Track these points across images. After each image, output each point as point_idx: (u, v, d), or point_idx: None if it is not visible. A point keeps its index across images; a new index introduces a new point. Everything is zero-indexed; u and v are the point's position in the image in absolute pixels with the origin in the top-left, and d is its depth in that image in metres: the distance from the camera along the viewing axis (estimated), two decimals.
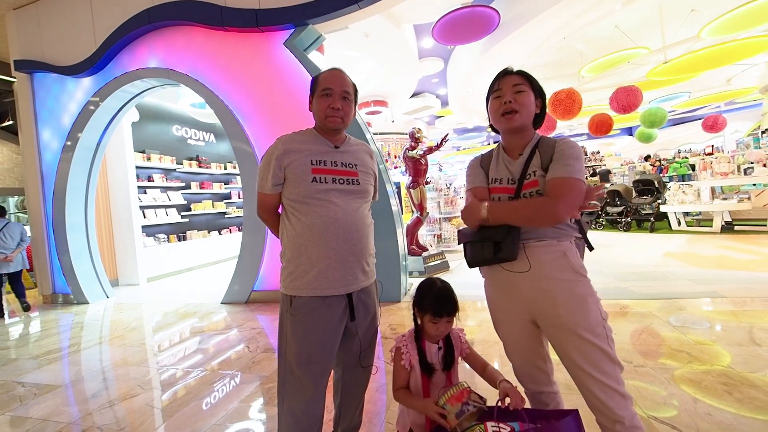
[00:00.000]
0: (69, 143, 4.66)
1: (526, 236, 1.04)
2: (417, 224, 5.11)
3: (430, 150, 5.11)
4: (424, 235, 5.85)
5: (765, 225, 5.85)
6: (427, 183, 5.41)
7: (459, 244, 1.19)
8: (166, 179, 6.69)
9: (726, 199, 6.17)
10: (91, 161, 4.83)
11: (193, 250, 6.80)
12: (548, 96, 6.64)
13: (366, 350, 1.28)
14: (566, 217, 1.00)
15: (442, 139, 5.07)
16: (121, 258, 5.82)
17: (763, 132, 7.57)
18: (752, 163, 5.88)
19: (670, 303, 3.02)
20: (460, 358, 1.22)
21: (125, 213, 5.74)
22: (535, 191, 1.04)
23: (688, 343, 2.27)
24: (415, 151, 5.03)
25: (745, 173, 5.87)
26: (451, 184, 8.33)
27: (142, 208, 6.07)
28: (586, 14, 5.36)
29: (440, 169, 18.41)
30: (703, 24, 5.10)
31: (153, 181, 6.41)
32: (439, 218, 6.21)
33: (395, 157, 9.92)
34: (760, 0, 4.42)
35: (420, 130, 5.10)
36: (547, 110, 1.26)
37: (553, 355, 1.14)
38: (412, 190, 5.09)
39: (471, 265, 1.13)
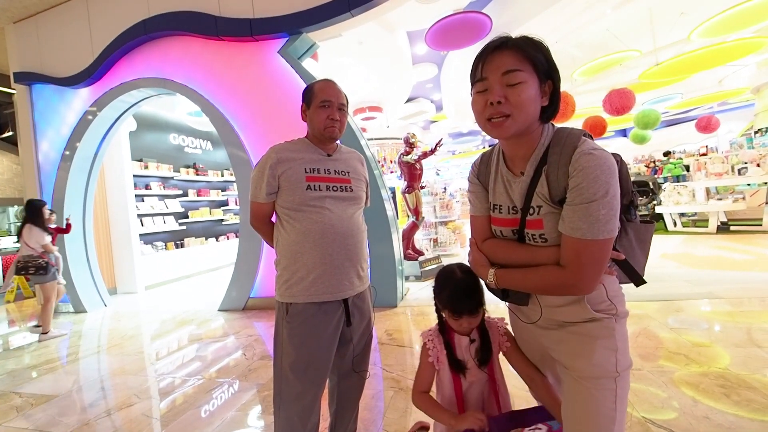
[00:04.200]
0: (68, 153, 4.68)
1: None
2: (413, 229, 5.13)
3: (425, 155, 5.15)
4: (420, 239, 5.87)
5: (760, 225, 5.88)
6: (422, 187, 5.44)
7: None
8: (164, 187, 6.71)
9: (721, 199, 6.21)
10: (89, 170, 4.85)
11: (191, 257, 6.79)
12: None
13: (359, 355, 1.29)
14: (593, 290, 0.76)
15: (437, 144, 5.11)
16: (119, 266, 5.81)
17: (755, 132, 7.64)
18: (746, 163, 5.92)
19: (667, 304, 3.04)
20: (500, 353, 1.05)
21: (123, 221, 5.74)
22: (538, 236, 0.78)
23: (686, 345, 2.28)
24: (409, 156, 5.06)
25: (739, 173, 5.92)
26: (446, 188, 8.36)
27: (139, 216, 6.07)
28: (577, 18, 5.44)
29: (437, 174, 18.48)
30: (693, 27, 5.19)
31: (150, 189, 6.42)
32: (435, 222, 6.23)
33: (391, 162, 9.96)
34: (748, 3, 4.50)
35: (414, 135, 5.14)
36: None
37: None
38: (407, 195, 5.11)
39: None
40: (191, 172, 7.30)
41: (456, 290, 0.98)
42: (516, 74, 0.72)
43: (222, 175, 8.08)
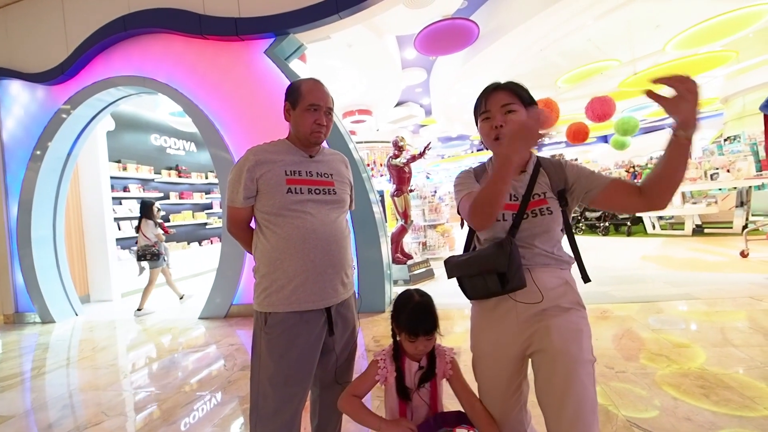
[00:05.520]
0: (38, 152, 4.44)
1: (530, 261, 0.97)
2: (401, 232, 5.11)
3: (414, 158, 5.15)
4: (408, 243, 5.85)
5: (731, 227, 6.13)
6: (411, 191, 5.43)
7: (450, 278, 1.08)
8: (144, 189, 6.47)
9: (696, 203, 6.46)
10: (61, 171, 4.62)
11: (172, 262, 6.54)
12: None
13: (343, 365, 1.23)
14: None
15: (425, 148, 5.12)
16: (93, 273, 5.54)
17: (725, 140, 8.00)
18: (717, 168, 6.18)
19: (648, 306, 3.10)
20: (443, 380, 1.11)
21: (98, 225, 5.49)
22: (546, 209, 0.98)
23: (667, 345, 2.32)
24: (398, 159, 5.05)
25: (712, 178, 6.17)
26: (435, 192, 8.41)
27: (116, 219, 5.83)
28: (561, 28, 5.58)
29: (428, 177, 18.60)
30: (667, 39, 5.41)
31: (129, 191, 6.18)
32: (424, 226, 6.23)
33: (380, 165, 9.95)
34: (717, 19, 4.74)
35: (403, 138, 5.14)
36: None
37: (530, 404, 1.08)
38: (396, 198, 5.09)
39: (471, 299, 1.05)
40: (173, 174, 7.08)
41: (414, 312, 1.05)
42: (511, 105, 0.99)
43: (206, 178, 7.88)
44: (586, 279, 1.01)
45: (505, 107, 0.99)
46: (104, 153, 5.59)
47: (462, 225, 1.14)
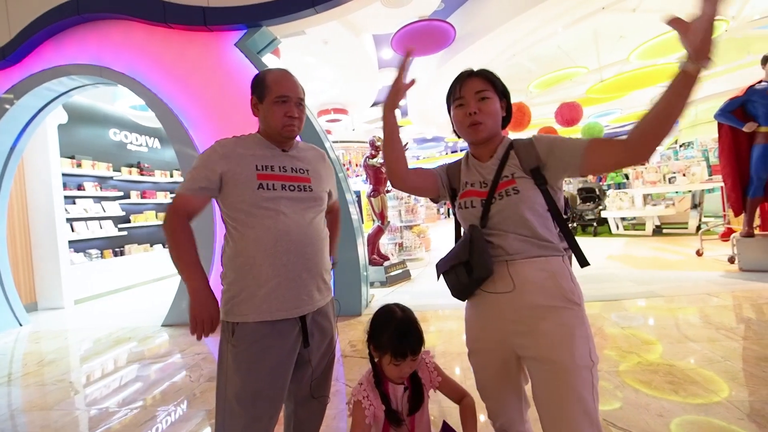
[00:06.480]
0: None
1: (510, 254, 0.91)
2: (378, 233, 5.05)
3: None
4: (385, 243, 5.80)
5: (686, 228, 6.57)
6: (387, 191, 5.39)
7: (438, 279, 1.06)
8: (101, 188, 6.01)
9: (655, 205, 6.87)
10: (2, 167, 4.17)
11: (132, 266, 6.13)
12: None
13: (318, 378, 1.13)
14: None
15: None
16: (41, 278, 5.06)
17: (680, 146, 8.59)
18: (674, 172, 6.61)
19: (616, 304, 3.22)
20: (430, 392, 1.05)
21: (48, 226, 5.02)
22: (512, 189, 0.92)
23: (636, 342, 2.40)
24: (375, 160, 4.99)
25: (670, 182, 6.59)
26: None
27: (69, 220, 5.37)
28: (532, 34, 5.75)
29: None
30: (631, 49, 5.71)
31: (84, 190, 5.71)
32: (401, 227, 6.20)
33: (356, 165, 9.85)
34: (672, 33, 5.05)
35: (380, 138, 5.08)
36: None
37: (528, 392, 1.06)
38: (372, 199, 5.03)
39: (458, 297, 1.01)
40: (134, 172, 6.63)
41: (398, 331, 0.96)
42: (485, 92, 0.98)
43: (171, 176, 7.44)
44: (582, 263, 0.94)
45: (479, 94, 0.97)
46: (55, 148, 5.12)
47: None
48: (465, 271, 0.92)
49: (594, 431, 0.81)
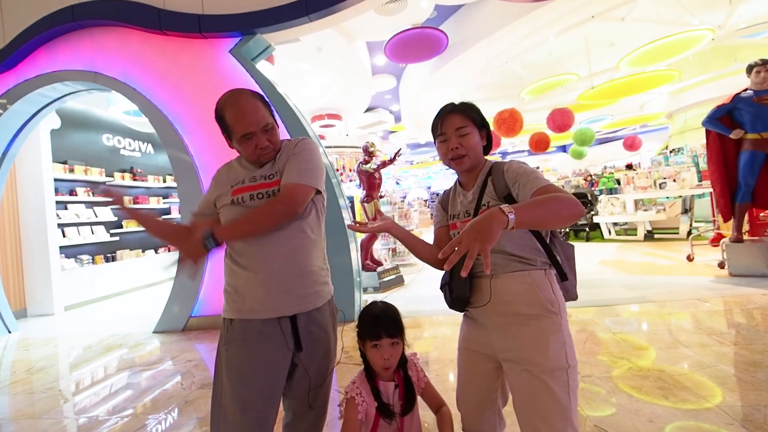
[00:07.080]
0: None
1: (493, 269, 0.97)
2: (371, 239, 5.06)
3: (384, 164, 5.14)
4: (378, 249, 5.81)
5: (677, 233, 6.66)
6: (381, 197, 5.41)
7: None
8: (93, 193, 5.97)
9: (647, 210, 6.95)
10: None
11: (124, 272, 6.08)
12: (493, 115, 7.10)
13: (317, 388, 1.11)
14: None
15: (395, 154, 5.12)
16: (32, 284, 5.00)
17: (670, 152, 8.73)
18: (665, 178, 6.71)
19: (609, 309, 3.25)
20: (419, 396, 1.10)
21: (39, 231, 4.97)
22: None
23: (627, 348, 2.42)
24: (368, 165, 5.01)
25: (660, 187, 6.67)
26: (404, 197, 8.45)
27: (61, 225, 5.32)
28: (524, 42, 5.86)
29: (397, 183, 18.72)
30: (621, 57, 5.82)
31: (76, 195, 5.67)
32: None
33: (350, 170, 9.88)
34: (663, 41, 5.18)
35: (374, 144, 5.11)
36: (492, 128, 1.16)
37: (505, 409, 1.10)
38: (366, 204, 5.05)
39: (454, 310, 1.10)
40: (128, 177, 6.60)
41: (376, 316, 1.07)
42: (464, 129, 1.05)
43: (164, 181, 7.41)
44: (563, 277, 1.01)
45: (459, 131, 1.05)
46: (48, 153, 5.10)
47: None
48: (448, 291, 1.06)
49: (566, 424, 0.86)
